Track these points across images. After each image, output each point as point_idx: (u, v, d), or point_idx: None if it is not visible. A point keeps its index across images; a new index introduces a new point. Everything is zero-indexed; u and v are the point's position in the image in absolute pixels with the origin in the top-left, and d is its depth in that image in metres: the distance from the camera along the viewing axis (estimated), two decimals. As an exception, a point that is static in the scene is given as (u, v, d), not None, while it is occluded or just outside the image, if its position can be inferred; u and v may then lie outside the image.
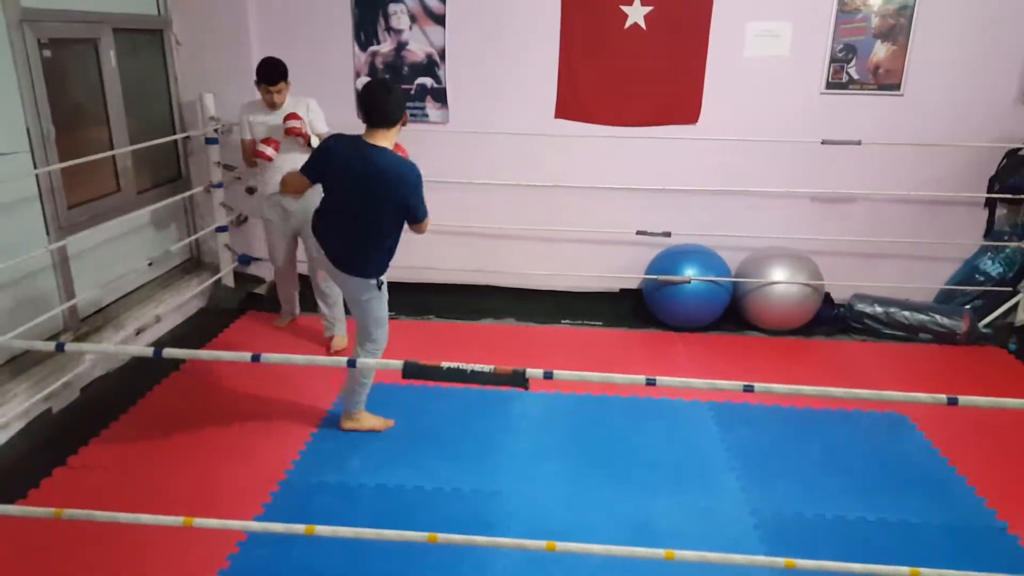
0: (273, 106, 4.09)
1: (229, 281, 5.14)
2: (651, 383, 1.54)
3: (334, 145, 3.12)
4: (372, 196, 3.04)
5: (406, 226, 3.21)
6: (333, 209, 3.19)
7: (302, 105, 4.12)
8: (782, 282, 4.60)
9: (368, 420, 3.56)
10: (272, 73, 3.99)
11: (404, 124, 3.12)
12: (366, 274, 3.20)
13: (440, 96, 4.97)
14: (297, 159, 3.85)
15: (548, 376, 1.65)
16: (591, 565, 2.66)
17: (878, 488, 3.21)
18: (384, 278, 3.28)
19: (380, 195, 3.04)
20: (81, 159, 3.87)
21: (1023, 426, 3.66)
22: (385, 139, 3.05)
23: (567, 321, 4.93)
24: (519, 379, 1.60)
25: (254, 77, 4.06)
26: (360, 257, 3.18)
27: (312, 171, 3.20)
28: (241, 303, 5.02)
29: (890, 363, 4.41)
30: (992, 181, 4.77)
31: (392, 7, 4.83)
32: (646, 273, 4.89)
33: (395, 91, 3.07)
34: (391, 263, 3.29)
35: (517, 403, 3.81)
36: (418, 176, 3.07)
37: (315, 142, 3.98)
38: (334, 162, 3.10)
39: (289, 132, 4.02)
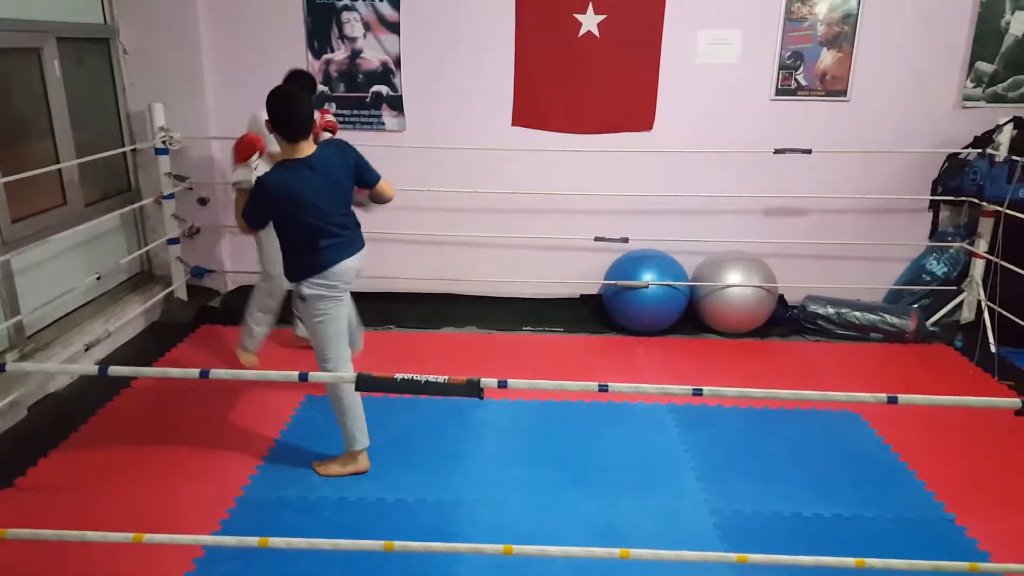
0: None
1: (182, 294, 5.04)
2: (603, 389, 1.56)
3: (278, 180, 2.89)
4: (339, 187, 3.03)
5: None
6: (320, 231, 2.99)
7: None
8: (737, 285, 4.68)
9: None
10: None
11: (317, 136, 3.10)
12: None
13: (396, 104, 4.95)
14: None
15: (503, 385, 1.66)
16: (556, 569, 2.67)
17: (833, 484, 3.28)
18: None
19: (342, 181, 3.04)
20: (24, 174, 3.76)
21: (968, 421, 3.77)
22: (310, 147, 2.99)
23: (528, 328, 4.94)
24: (473, 389, 1.60)
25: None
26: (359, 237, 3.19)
27: (259, 217, 2.99)
28: (195, 316, 4.93)
29: (842, 362, 4.52)
30: (935, 184, 4.93)
31: (345, 15, 4.80)
32: (605, 278, 4.93)
33: (305, 98, 3.02)
34: None
35: (479, 411, 3.80)
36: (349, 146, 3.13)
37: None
38: (295, 194, 2.90)
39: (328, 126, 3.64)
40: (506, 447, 3.53)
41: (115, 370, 1.78)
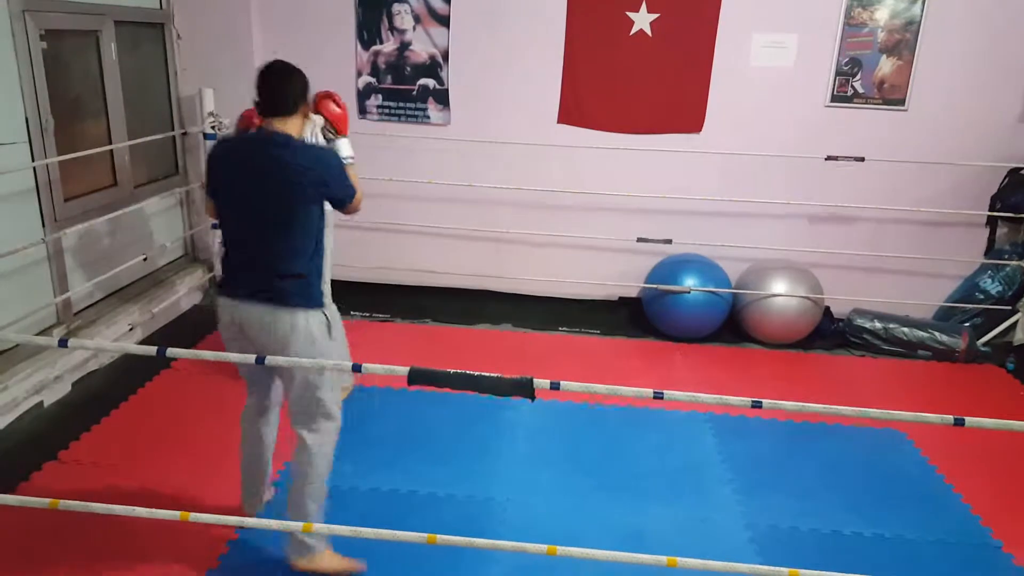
0: None
1: (224, 278, 5.10)
2: (659, 396, 1.52)
3: (219, 147, 2.54)
4: (277, 193, 2.39)
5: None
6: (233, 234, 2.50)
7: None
8: (782, 295, 4.59)
9: (331, 560, 2.59)
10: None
11: (307, 115, 2.53)
12: (306, 300, 2.41)
13: (442, 98, 4.94)
14: None
15: (555, 387, 1.63)
16: (585, 573, 2.63)
17: (874, 503, 3.19)
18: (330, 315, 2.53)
19: (288, 189, 2.38)
20: (79, 153, 3.83)
21: (1017, 445, 3.64)
22: (287, 126, 2.44)
23: (564, 328, 4.90)
24: (526, 389, 1.57)
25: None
26: (286, 279, 2.38)
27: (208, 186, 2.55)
28: (236, 301, 4.97)
29: (889, 379, 4.40)
30: (994, 199, 4.77)
31: (396, 7, 4.80)
32: (646, 282, 4.86)
33: (295, 74, 2.47)
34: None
35: (512, 410, 3.77)
36: (333, 156, 2.56)
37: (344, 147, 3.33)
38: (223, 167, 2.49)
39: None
40: (538, 447, 3.50)
41: (172, 352, 1.78)
